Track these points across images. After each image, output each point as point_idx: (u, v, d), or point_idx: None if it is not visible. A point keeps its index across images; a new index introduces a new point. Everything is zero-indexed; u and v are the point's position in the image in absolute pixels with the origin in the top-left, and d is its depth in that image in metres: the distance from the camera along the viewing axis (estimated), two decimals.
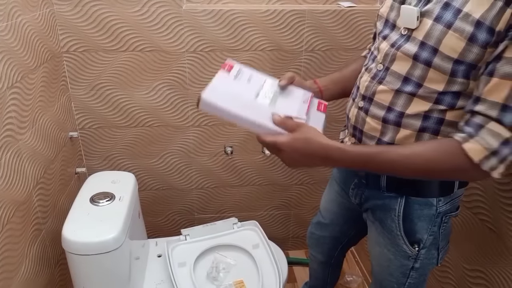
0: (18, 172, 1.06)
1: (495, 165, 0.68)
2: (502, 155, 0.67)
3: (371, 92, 0.85)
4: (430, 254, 0.92)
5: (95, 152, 1.57)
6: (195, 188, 1.70)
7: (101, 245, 1.08)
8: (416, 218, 0.88)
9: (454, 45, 0.70)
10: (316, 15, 1.43)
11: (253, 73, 0.96)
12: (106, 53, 1.40)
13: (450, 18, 0.70)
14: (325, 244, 1.23)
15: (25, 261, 1.08)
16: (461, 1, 0.69)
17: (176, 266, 1.32)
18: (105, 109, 1.49)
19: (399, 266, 0.94)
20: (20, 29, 1.07)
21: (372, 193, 0.96)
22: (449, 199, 0.88)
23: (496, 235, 1.02)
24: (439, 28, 0.71)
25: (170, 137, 1.58)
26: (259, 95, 0.90)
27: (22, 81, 1.08)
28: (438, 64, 0.73)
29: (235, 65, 0.95)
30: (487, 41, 0.66)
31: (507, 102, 0.65)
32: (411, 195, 0.88)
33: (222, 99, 0.85)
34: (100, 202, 1.20)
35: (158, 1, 1.34)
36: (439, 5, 0.72)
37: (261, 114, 0.85)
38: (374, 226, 0.98)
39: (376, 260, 1.01)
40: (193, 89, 1.49)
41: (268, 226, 1.83)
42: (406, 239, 0.90)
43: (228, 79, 0.92)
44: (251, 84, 0.93)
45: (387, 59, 0.82)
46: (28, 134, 1.11)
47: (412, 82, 0.78)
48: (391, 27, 0.83)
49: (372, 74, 0.86)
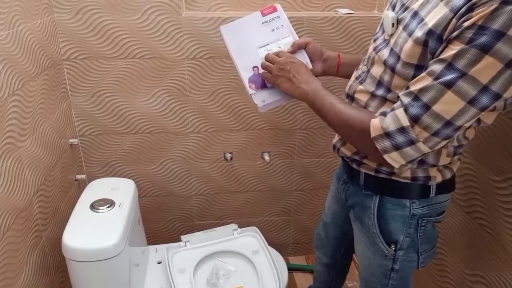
0: (19, 179, 1.06)
1: (388, 148, 0.72)
2: (396, 141, 0.71)
3: (353, 91, 0.90)
4: (410, 257, 0.93)
5: (95, 159, 1.57)
6: (195, 195, 1.71)
7: (101, 251, 1.09)
8: (390, 218, 0.90)
9: (411, 51, 0.73)
10: (315, 22, 1.44)
11: (284, 25, 1.05)
12: (106, 60, 1.41)
13: (414, 26, 0.74)
14: (329, 245, 1.23)
15: (25, 268, 1.08)
16: (426, 11, 0.72)
17: (176, 273, 1.32)
18: (105, 116, 1.50)
19: (379, 266, 0.96)
20: (21, 37, 1.08)
21: (354, 190, 0.99)
22: (426, 203, 0.89)
23: (495, 239, 1.02)
24: (403, 36, 0.76)
25: (170, 143, 1.58)
26: (266, 46, 1.03)
27: (23, 89, 1.09)
28: (400, 70, 0.76)
29: (277, 11, 1.06)
30: (436, 49, 0.70)
31: (419, 93, 0.68)
32: (384, 194, 0.90)
33: (231, 36, 1.03)
34: (100, 209, 1.20)
35: (158, 9, 1.35)
36: (410, 14, 0.76)
37: (247, 62, 1.00)
38: (356, 224, 1.01)
39: (360, 259, 1.03)
40: (193, 96, 1.50)
41: (268, 232, 1.83)
42: (382, 238, 0.92)
43: (255, 22, 1.04)
44: (271, 35, 1.04)
45: (369, 62, 0.87)
46: (28, 141, 1.12)
47: (383, 86, 0.82)
48: (382, 31, 0.87)
49: (357, 75, 0.91)
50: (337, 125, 0.84)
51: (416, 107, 0.69)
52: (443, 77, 0.66)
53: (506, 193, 0.97)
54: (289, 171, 1.72)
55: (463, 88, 0.65)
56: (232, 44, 1.02)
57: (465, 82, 0.64)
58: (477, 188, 1.09)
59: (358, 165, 0.92)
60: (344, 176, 1.04)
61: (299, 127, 1.62)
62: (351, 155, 0.92)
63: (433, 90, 0.67)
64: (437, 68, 0.67)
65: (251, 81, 0.99)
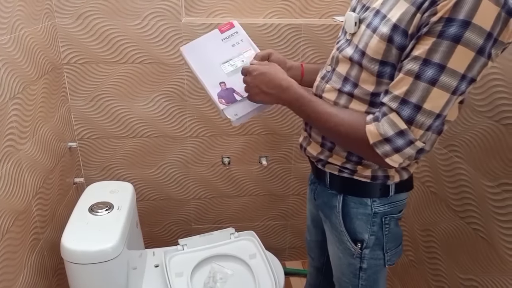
0: (18, 181, 1.07)
1: (389, 152, 0.74)
2: (396, 144, 0.73)
3: (320, 90, 0.92)
4: (376, 255, 0.95)
5: (93, 162, 1.58)
6: (192, 199, 1.71)
7: (100, 254, 1.09)
8: (354, 217, 0.93)
9: (376, 47, 0.76)
10: (312, 29, 1.46)
11: (244, 39, 1.06)
12: (106, 65, 1.42)
13: (377, 23, 0.76)
14: (314, 248, 1.24)
15: (24, 270, 1.09)
16: (387, 8, 0.75)
17: (174, 276, 1.32)
18: (104, 120, 1.51)
19: (348, 265, 0.98)
20: (23, 41, 1.10)
21: (321, 190, 1.01)
22: (387, 201, 0.91)
23: (488, 244, 1.04)
24: (368, 33, 0.78)
25: (168, 147, 1.60)
26: (229, 61, 1.02)
27: (23, 92, 1.10)
28: (366, 65, 0.79)
29: (235, 27, 1.06)
30: (402, 44, 0.72)
31: (406, 96, 0.71)
32: (347, 194, 0.93)
33: (193, 56, 1.03)
34: (99, 212, 1.21)
35: (158, 15, 1.37)
36: (372, 12, 0.79)
37: (214, 79, 1.00)
38: (325, 225, 1.03)
39: (332, 259, 1.05)
40: (191, 101, 1.52)
41: (265, 237, 1.84)
42: (349, 236, 0.94)
43: (215, 39, 1.05)
44: (231, 50, 1.04)
45: (333, 61, 0.90)
46: (28, 144, 1.13)
47: (350, 82, 0.84)
48: (344, 33, 0.90)
49: (322, 75, 0.94)
50: (329, 134, 0.86)
51: (408, 109, 0.71)
52: (424, 74, 0.68)
53: (499, 198, 0.99)
54: (286, 176, 1.73)
55: (446, 81, 0.68)
56: (195, 63, 1.02)
57: (447, 76, 0.67)
58: (471, 194, 1.10)
59: (323, 165, 0.94)
60: (312, 177, 1.07)
61: (297, 132, 1.63)
62: (316, 155, 0.94)
63: (419, 90, 0.69)
64: (413, 67, 0.69)
65: (220, 96, 0.99)
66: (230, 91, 0.99)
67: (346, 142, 0.83)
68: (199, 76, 1.01)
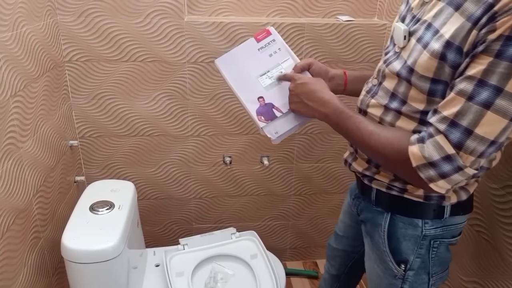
0: (19, 180, 1.06)
1: (434, 177, 0.68)
2: (442, 170, 0.67)
3: (365, 105, 0.87)
4: (420, 279, 0.89)
5: (94, 161, 1.58)
6: (193, 198, 1.71)
7: (100, 253, 1.09)
8: (401, 237, 0.87)
9: (427, 64, 0.70)
10: (315, 29, 1.45)
11: (281, 48, 0.99)
12: (108, 63, 1.42)
13: (428, 38, 0.71)
14: (338, 257, 1.21)
15: (24, 269, 1.08)
16: (440, 23, 0.69)
17: (174, 276, 1.32)
18: (105, 118, 1.51)
19: (388, 285, 0.93)
20: (25, 38, 1.09)
21: (365, 206, 0.97)
22: (440, 224, 0.85)
23: (492, 246, 1.03)
24: (418, 48, 0.73)
25: (170, 146, 1.59)
26: (267, 73, 0.96)
27: (25, 90, 1.10)
28: (415, 82, 0.74)
29: (272, 35, 1.00)
30: (456, 62, 0.67)
31: (456, 118, 0.65)
32: (396, 213, 0.88)
33: (229, 69, 0.97)
34: (100, 211, 1.20)
35: (161, 13, 1.36)
36: (423, 26, 0.73)
37: (252, 94, 0.94)
38: (366, 240, 0.98)
39: (369, 275, 1.01)
40: (193, 100, 1.51)
41: (266, 237, 1.84)
42: (392, 257, 0.89)
43: (251, 50, 0.99)
44: (269, 60, 0.98)
45: (380, 75, 0.85)
46: (29, 142, 1.12)
47: (398, 99, 0.79)
48: (393, 44, 0.84)
49: (367, 88, 0.89)
50: (370, 153, 0.82)
51: (457, 133, 0.65)
52: (478, 96, 0.62)
53: (504, 200, 0.98)
54: (288, 176, 1.72)
55: (503, 106, 0.61)
56: (231, 77, 0.96)
57: (503, 100, 0.61)
58: (475, 196, 1.09)
59: (369, 181, 0.90)
60: (356, 191, 1.02)
61: (299, 132, 1.63)
62: (362, 171, 0.90)
63: (470, 113, 0.63)
64: (467, 87, 0.63)
65: (259, 113, 0.93)
66: (269, 107, 0.94)
67: (388, 163, 0.78)
68: (236, 91, 0.96)
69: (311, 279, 1.85)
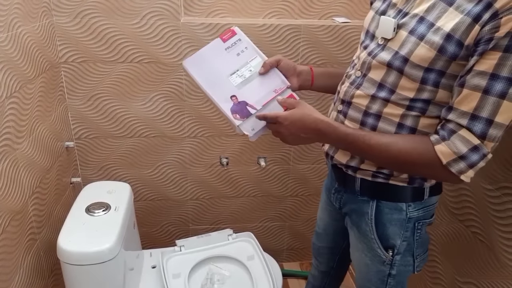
0: (15, 181, 1.06)
1: (464, 169, 0.73)
2: (471, 160, 0.72)
3: (349, 96, 0.90)
4: (406, 261, 0.94)
5: (90, 162, 1.57)
6: (190, 199, 1.71)
7: (96, 255, 1.08)
8: (388, 223, 0.91)
9: (424, 55, 0.75)
10: (312, 30, 1.46)
11: (248, 46, 1.00)
12: (104, 64, 1.41)
13: (423, 31, 0.75)
14: (324, 254, 1.24)
15: (19, 271, 1.07)
16: (434, 16, 0.74)
17: (171, 278, 1.31)
18: (101, 120, 1.50)
19: (376, 272, 0.96)
20: (20, 39, 1.09)
21: (348, 197, 0.99)
22: (420, 206, 0.90)
23: (487, 247, 1.04)
24: (412, 40, 0.76)
25: (166, 147, 1.59)
26: (236, 72, 0.97)
27: (20, 91, 1.09)
28: (409, 72, 0.78)
29: (237, 35, 1.00)
30: (455, 53, 0.72)
31: (476, 112, 0.70)
32: (381, 199, 0.91)
33: (198, 70, 0.97)
34: (96, 212, 1.20)
35: (157, 14, 1.36)
36: (415, 19, 0.77)
37: (224, 93, 0.95)
38: (352, 231, 1.01)
39: (356, 266, 1.04)
40: (190, 101, 1.51)
41: (262, 238, 1.84)
42: (380, 243, 0.93)
43: (218, 49, 0.99)
44: (237, 59, 0.99)
45: (364, 66, 0.87)
46: (25, 143, 1.12)
47: (386, 88, 0.82)
48: (371, 37, 0.88)
49: (351, 80, 0.91)
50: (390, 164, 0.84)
51: (480, 124, 0.70)
52: (493, 88, 0.68)
53: (499, 201, 0.99)
54: (285, 177, 1.72)
55: None
56: (201, 78, 0.96)
57: None
58: (470, 197, 1.10)
59: (354, 171, 0.93)
60: (335, 185, 1.04)
61: None
62: (346, 162, 0.92)
63: (489, 105, 0.69)
64: (481, 82, 0.69)
65: (234, 111, 0.93)
66: (243, 105, 0.95)
67: (413, 169, 0.81)
68: (208, 91, 0.96)
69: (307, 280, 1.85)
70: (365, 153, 0.84)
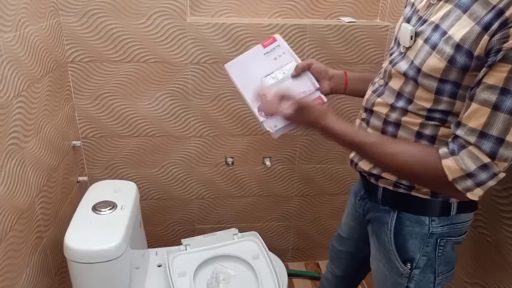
0: (22, 180, 1.07)
1: (470, 187, 0.69)
2: (480, 179, 0.68)
3: (371, 104, 0.88)
4: (426, 277, 0.90)
5: (97, 161, 1.58)
6: (195, 198, 1.71)
7: (103, 253, 1.09)
8: (408, 235, 0.88)
9: (435, 66, 0.72)
10: (317, 30, 1.45)
11: (286, 52, 1.07)
12: (111, 63, 1.42)
13: (436, 40, 0.72)
14: (343, 259, 1.20)
15: (26, 269, 1.08)
16: (448, 24, 0.71)
17: (176, 276, 1.32)
18: (108, 119, 1.51)
19: (394, 284, 0.93)
20: (28, 39, 1.09)
21: (372, 205, 0.97)
22: (446, 222, 0.86)
23: (495, 248, 1.03)
24: (426, 49, 0.74)
25: (172, 147, 1.59)
26: (270, 74, 1.03)
27: (28, 90, 1.10)
28: (423, 82, 0.75)
29: (277, 41, 1.08)
30: (466, 65, 0.68)
31: (485, 129, 0.66)
32: (403, 211, 0.88)
33: (237, 72, 1.05)
34: (102, 211, 1.21)
35: (163, 14, 1.36)
36: (430, 27, 0.74)
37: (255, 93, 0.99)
38: (372, 240, 0.98)
39: (375, 274, 1.01)
40: (196, 100, 1.51)
41: (268, 238, 1.83)
42: (398, 255, 0.90)
43: (257, 54, 1.07)
44: (273, 63, 1.05)
45: (386, 75, 0.86)
46: (32, 142, 1.13)
47: (404, 98, 0.81)
48: (397, 45, 0.85)
49: (374, 88, 0.90)
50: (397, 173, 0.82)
51: (489, 143, 0.66)
52: (503, 104, 0.63)
53: (507, 202, 0.98)
54: (290, 177, 1.72)
55: None
56: (238, 79, 1.04)
57: None
58: None
59: (376, 180, 0.90)
60: (361, 192, 1.02)
61: (301, 133, 1.63)
62: (369, 169, 0.90)
63: (499, 122, 0.64)
64: (490, 97, 0.64)
65: (260, 109, 0.98)
66: None
67: (418, 180, 0.78)
68: (241, 89, 1.02)
69: (313, 280, 1.85)
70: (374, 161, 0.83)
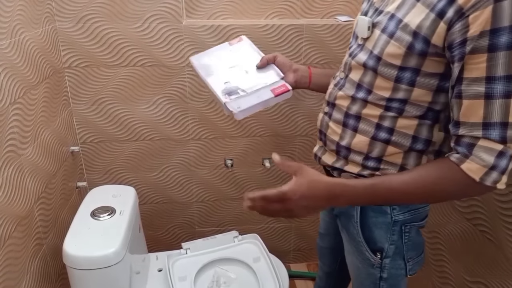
0: (20, 187, 1.06)
1: (497, 178, 0.69)
2: (502, 167, 0.68)
3: (333, 98, 0.90)
4: (397, 264, 0.92)
5: (96, 166, 1.58)
6: (195, 202, 1.71)
7: (102, 259, 1.08)
8: (373, 226, 0.90)
9: (394, 53, 0.74)
10: (314, 30, 1.45)
11: (251, 48, 1.12)
12: (107, 68, 1.42)
13: (393, 28, 0.74)
14: (326, 255, 1.23)
15: (26, 276, 1.08)
16: (403, 13, 0.73)
17: (177, 280, 1.31)
18: (106, 124, 1.51)
19: (368, 275, 0.95)
20: (23, 45, 1.09)
21: None
22: (406, 209, 0.88)
23: (496, 246, 1.02)
24: (383, 38, 0.76)
25: (171, 150, 1.59)
26: (236, 66, 1.08)
27: (24, 97, 1.10)
28: (383, 71, 0.77)
29: (243, 40, 1.14)
30: (423, 51, 0.70)
31: (487, 119, 0.66)
32: None
33: (201, 63, 1.09)
34: (101, 216, 1.20)
35: (159, 17, 1.36)
36: (386, 17, 0.77)
37: (219, 80, 1.04)
38: (343, 234, 1.00)
39: (350, 268, 1.03)
40: (193, 103, 1.51)
41: (269, 239, 1.83)
42: (367, 246, 0.91)
43: (223, 49, 1.13)
44: (238, 56, 1.10)
45: (346, 67, 0.88)
46: (30, 149, 1.12)
47: (363, 89, 0.82)
48: (355, 38, 0.88)
49: (335, 82, 0.92)
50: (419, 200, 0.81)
51: (496, 130, 0.66)
52: (494, 91, 0.64)
53: (507, 199, 0.97)
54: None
55: None
56: (202, 69, 1.08)
57: None
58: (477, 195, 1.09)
59: (339, 174, 0.91)
60: None
61: (300, 133, 1.62)
62: (332, 164, 0.91)
63: (497, 108, 0.65)
64: (479, 89, 0.65)
65: (224, 92, 1.01)
66: (234, 88, 1.02)
67: (448, 194, 0.76)
68: (206, 78, 1.05)
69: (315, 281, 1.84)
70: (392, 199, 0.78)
